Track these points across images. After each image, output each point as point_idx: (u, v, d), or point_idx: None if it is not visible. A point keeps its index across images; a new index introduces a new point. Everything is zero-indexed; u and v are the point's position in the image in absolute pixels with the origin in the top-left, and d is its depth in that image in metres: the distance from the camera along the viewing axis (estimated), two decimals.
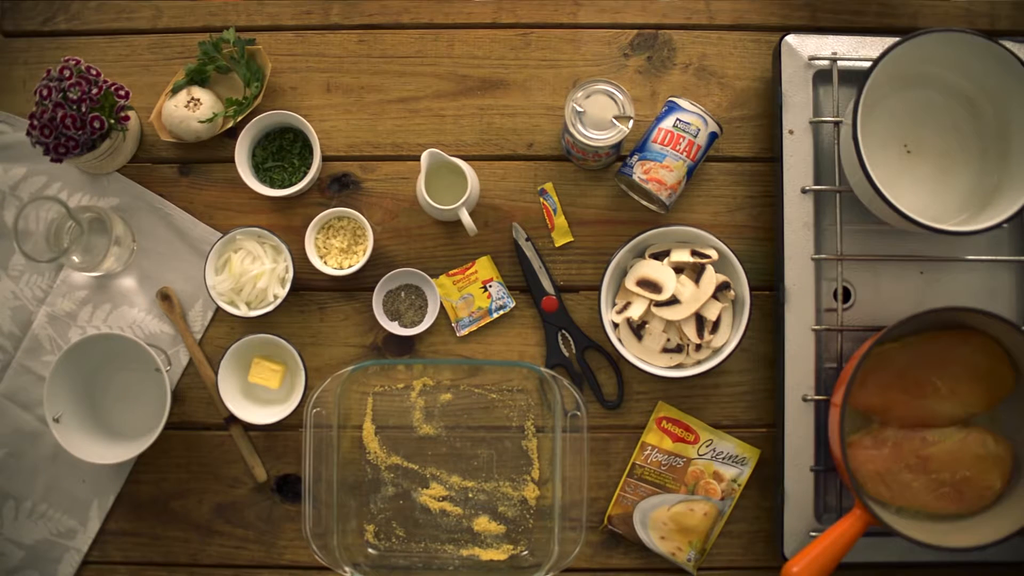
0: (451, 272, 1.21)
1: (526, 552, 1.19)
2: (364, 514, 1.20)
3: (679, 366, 1.14)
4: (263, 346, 1.19)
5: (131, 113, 1.19)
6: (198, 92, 1.20)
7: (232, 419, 1.20)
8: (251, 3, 1.25)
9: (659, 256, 1.14)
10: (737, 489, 1.17)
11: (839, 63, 1.16)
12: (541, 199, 1.22)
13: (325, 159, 1.23)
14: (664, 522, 1.16)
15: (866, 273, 1.18)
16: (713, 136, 1.16)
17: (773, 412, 1.18)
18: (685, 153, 1.14)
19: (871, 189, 1.04)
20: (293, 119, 1.19)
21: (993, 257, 1.17)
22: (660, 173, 1.14)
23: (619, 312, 1.14)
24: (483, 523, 1.19)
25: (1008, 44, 1.05)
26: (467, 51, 1.24)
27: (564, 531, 1.15)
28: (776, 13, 1.23)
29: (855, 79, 1.08)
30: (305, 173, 1.20)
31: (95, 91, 1.12)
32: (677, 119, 1.14)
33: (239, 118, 1.21)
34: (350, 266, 1.18)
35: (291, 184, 1.20)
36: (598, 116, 1.12)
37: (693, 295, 1.12)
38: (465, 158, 1.18)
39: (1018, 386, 1.11)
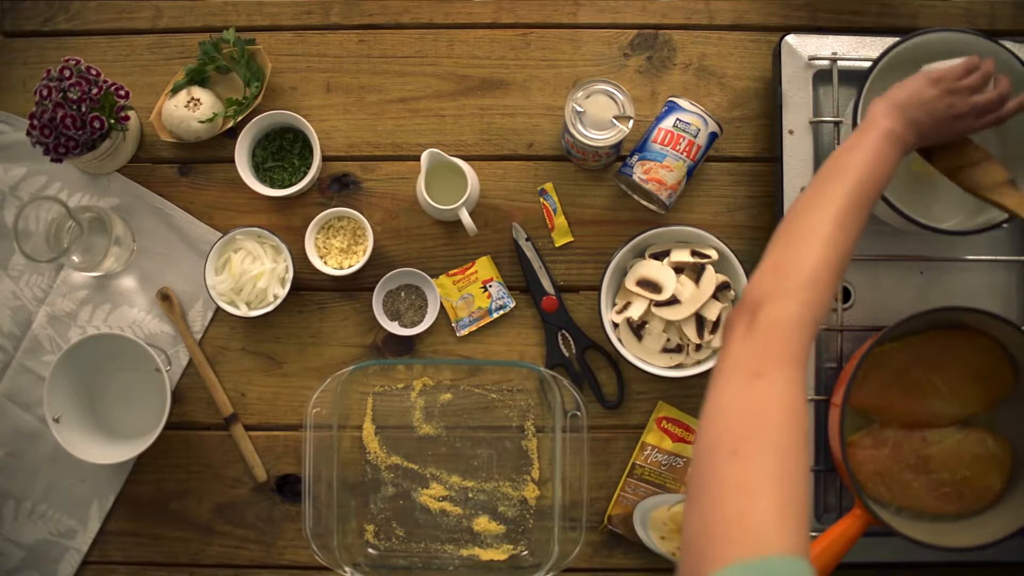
0: (451, 272, 1.21)
1: (526, 552, 1.19)
2: (364, 514, 1.20)
3: (679, 366, 1.14)
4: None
5: (131, 113, 1.19)
6: (198, 92, 1.20)
7: (232, 418, 1.20)
8: (251, 3, 1.25)
9: (659, 256, 1.14)
10: None
11: (839, 63, 1.16)
12: (541, 199, 1.22)
13: (325, 159, 1.23)
14: (664, 522, 1.16)
15: (866, 273, 1.18)
16: (713, 136, 1.16)
17: None
18: (685, 153, 1.14)
19: None
20: (293, 119, 1.19)
21: (993, 257, 1.17)
22: (660, 173, 1.14)
23: (619, 312, 1.14)
24: (483, 523, 1.19)
25: (1008, 44, 1.05)
26: (467, 51, 1.24)
27: (564, 531, 1.15)
28: (776, 13, 1.23)
29: (855, 79, 1.08)
30: (305, 173, 1.20)
31: (95, 91, 1.12)
32: (677, 119, 1.14)
33: (239, 118, 1.21)
34: (350, 266, 1.18)
35: (291, 184, 1.20)
36: (598, 116, 1.12)
37: (693, 295, 1.12)
38: (465, 158, 1.18)
39: (1018, 386, 1.11)
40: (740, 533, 0.63)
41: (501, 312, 1.21)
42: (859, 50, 1.17)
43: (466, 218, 1.13)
